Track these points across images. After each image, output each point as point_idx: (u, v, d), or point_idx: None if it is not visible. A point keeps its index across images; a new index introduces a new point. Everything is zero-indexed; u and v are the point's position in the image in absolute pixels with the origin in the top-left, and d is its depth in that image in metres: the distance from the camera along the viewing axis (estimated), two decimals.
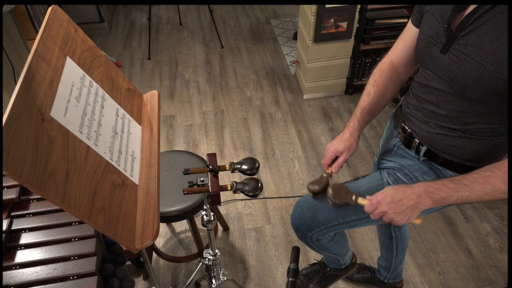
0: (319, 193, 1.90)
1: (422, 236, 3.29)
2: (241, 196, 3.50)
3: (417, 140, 1.86)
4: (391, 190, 1.63)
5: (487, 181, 1.51)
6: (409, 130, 1.90)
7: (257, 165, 1.80)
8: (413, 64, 1.92)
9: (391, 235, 2.54)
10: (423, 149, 1.85)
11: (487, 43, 1.47)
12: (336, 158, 1.92)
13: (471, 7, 1.52)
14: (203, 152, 3.88)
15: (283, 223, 3.35)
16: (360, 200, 1.73)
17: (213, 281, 2.37)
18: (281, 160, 3.85)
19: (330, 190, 1.81)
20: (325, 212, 1.95)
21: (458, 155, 1.76)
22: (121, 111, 1.65)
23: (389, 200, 1.60)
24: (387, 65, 1.94)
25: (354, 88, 4.53)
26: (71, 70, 1.45)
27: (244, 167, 1.80)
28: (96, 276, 1.61)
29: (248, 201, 3.51)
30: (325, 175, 1.89)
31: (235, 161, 1.84)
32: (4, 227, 1.75)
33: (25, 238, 1.73)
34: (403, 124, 1.94)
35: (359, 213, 1.91)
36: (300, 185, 3.64)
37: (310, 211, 1.98)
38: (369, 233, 3.31)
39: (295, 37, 5.35)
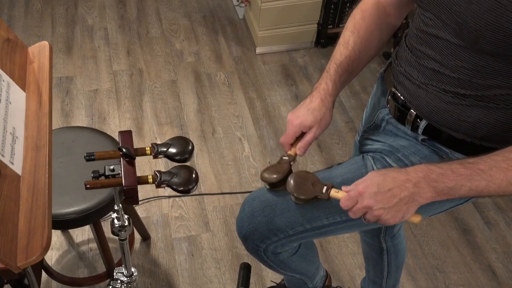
0: (278, 185, 1.88)
1: (425, 249, 3.32)
2: (167, 191, 3.52)
3: (413, 112, 1.85)
4: (378, 177, 1.61)
5: None
6: (401, 97, 1.88)
7: (190, 147, 1.81)
8: (406, 3, 1.91)
9: (380, 246, 2.54)
10: (422, 124, 1.83)
11: None
12: (302, 134, 1.90)
13: None
14: (113, 129, 3.90)
15: (227, 230, 3.37)
16: (334, 193, 1.70)
17: None
18: (225, 141, 3.87)
19: (291, 181, 1.79)
20: (285, 213, 1.92)
21: (471, 132, 1.74)
22: None
23: (374, 190, 1.58)
24: (371, 5, 1.93)
25: (328, 38, 4.56)
26: None
27: (172, 150, 1.80)
28: None
29: (177, 198, 3.52)
30: (286, 158, 1.88)
31: (159, 142, 1.84)
32: None
33: None
34: (393, 89, 1.93)
35: (334, 214, 1.89)
36: (251, 175, 3.66)
37: (264, 213, 1.95)
38: (349, 244, 3.32)
39: None
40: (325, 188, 1.72)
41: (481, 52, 1.58)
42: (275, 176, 1.86)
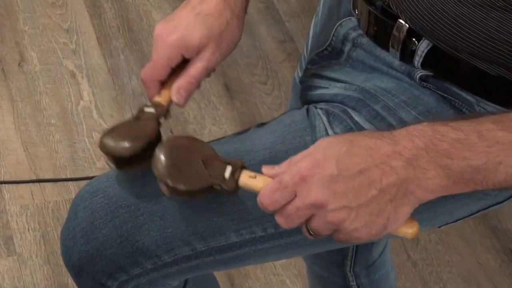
0: (134, 161, 1.71)
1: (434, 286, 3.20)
2: None
3: (403, 24, 1.70)
4: (337, 146, 1.47)
5: None
6: None
7: None
8: None
9: (345, 285, 2.54)
10: (422, 47, 1.69)
11: None
12: (184, 63, 1.76)
13: None
14: None
15: (48, 253, 3.25)
16: (246, 178, 1.55)
17: None
18: (44, 79, 3.85)
19: (161, 156, 1.63)
20: (156, 221, 1.75)
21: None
22: None
23: (330, 171, 1.41)
24: None
25: None
26: None
27: None
28: None
29: None
30: (150, 110, 1.76)
31: None
32: None
33: None
34: None
35: (251, 224, 1.71)
36: (94, 146, 3.60)
37: (114, 221, 1.77)
38: (286, 279, 3.25)
39: None
40: (229, 169, 1.58)
41: None
42: (128, 144, 1.71)
